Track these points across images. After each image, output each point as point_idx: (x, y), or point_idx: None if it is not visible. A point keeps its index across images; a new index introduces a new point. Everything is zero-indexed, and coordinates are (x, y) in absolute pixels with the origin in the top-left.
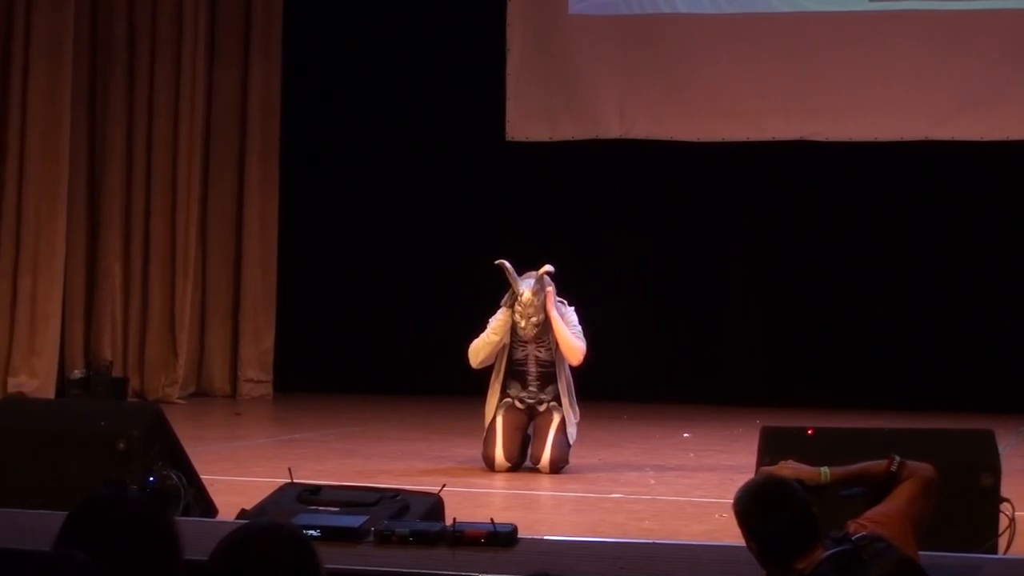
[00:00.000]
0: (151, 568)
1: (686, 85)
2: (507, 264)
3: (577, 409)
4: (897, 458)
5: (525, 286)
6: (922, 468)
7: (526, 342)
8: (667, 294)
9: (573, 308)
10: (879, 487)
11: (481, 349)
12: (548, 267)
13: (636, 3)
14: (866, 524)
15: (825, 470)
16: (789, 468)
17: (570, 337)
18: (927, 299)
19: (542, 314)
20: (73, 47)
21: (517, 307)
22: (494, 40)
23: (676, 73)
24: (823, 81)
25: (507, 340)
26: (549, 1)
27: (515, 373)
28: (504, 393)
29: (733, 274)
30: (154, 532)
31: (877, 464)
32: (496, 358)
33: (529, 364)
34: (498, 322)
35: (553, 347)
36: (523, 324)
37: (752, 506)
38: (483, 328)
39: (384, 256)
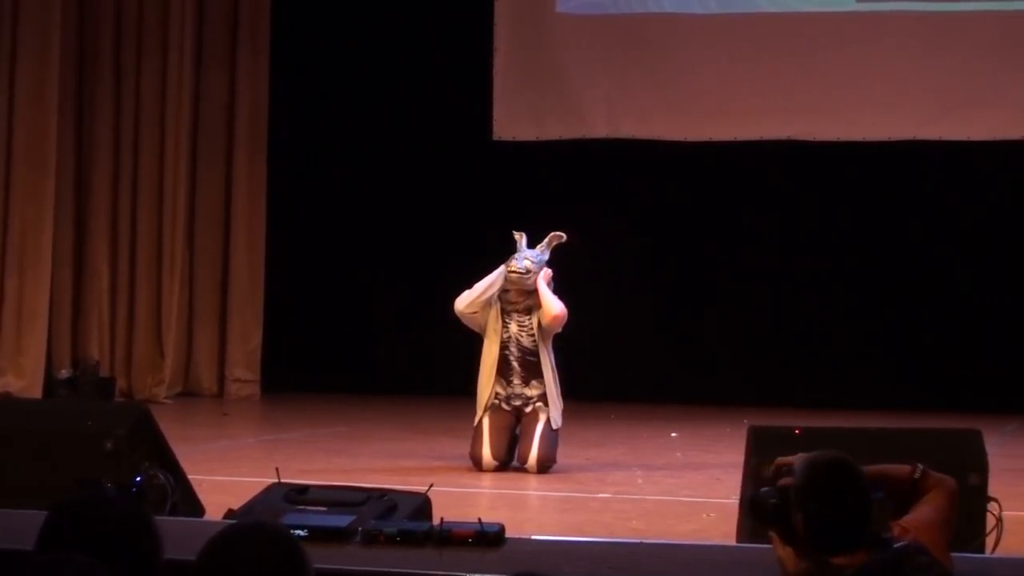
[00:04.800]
0: (132, 567)
1: (673, 84)
2: (523, 236)
3: (561, 399)
4: (920, 466)
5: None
6: (946, 479)
7: (510, 317)
8: (653, 294)
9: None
10: (900, 494)
11: (468, 293)
12: (560, 234)
13: (624, 2)
14: (909, 529)
15: None
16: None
17: (551, 298)
18: (915, 299)
19: (537, 267)
20: (59, 48)
21: (518, 253)
22: (481, 39)
23: (663, 72)
24: (811, 81)
25: (495, 293)
26: (536, 0)
27: (502, 359)
28: (494, 391)
29: (719, 274)
30: (134, 531)
31: (899, 468)
32: (487, 341)
33: (511, 347)
34: (491, 278)
35: (536, 331)
36: (516, 260)
37: (819, 480)
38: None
39: (371, 256)
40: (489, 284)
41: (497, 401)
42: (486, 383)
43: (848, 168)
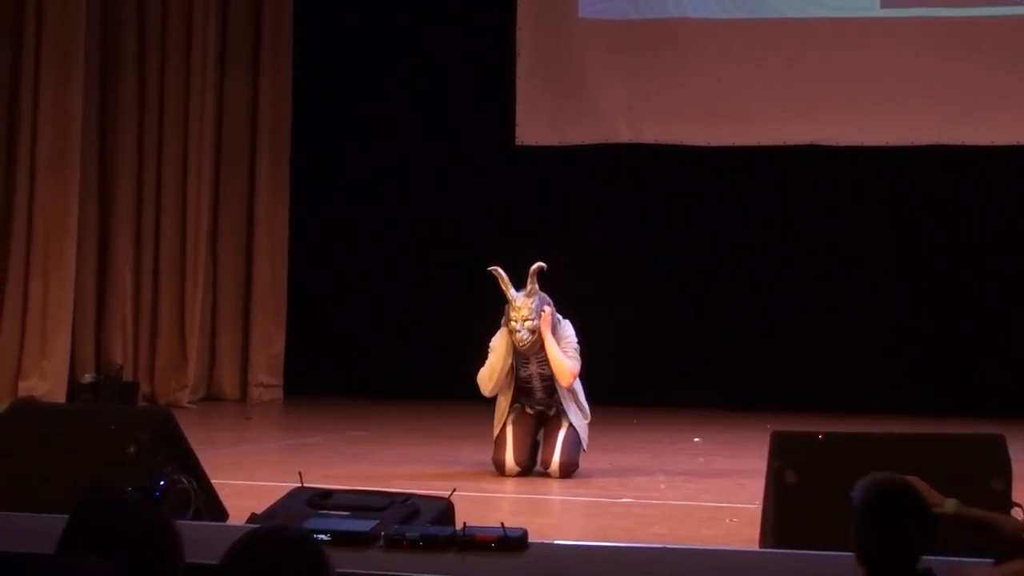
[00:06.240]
0: (153, 570)
1: (695, 89)
2: (500, 271)
3: (587, 409)
4: None
5: (519, 294)
6: None
7: (528, 360)
8: (676, 298)
9: (569, 322)
10: (1001, 544)
11: (488, 377)
12: (539, 264)
13: (646, 7)
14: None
15: (953, 501)
16: (917, 483)
17: (560, 359)
18: (937, 303)
19: (537, 319)
20: (83, 54)
21: (512, 313)
22: (503, 44)
23: (685, 77)
24: (833, 86)
25: (511, 360)
26: (559, 5)
27: (521, 390)
28: (514, 400)
29: (743, 278)
30: (155, 534)
31: (1008, 521)
32: (500, 396)
33: (534, 381)
34: (499, 343)
35: None
36: (518, 329)
37: (871, 502)
38: (487, 343)
39: (393, 260)
40: (503, 361)
41: (520, 405)
42: (499, 421)
43: (871, 173)
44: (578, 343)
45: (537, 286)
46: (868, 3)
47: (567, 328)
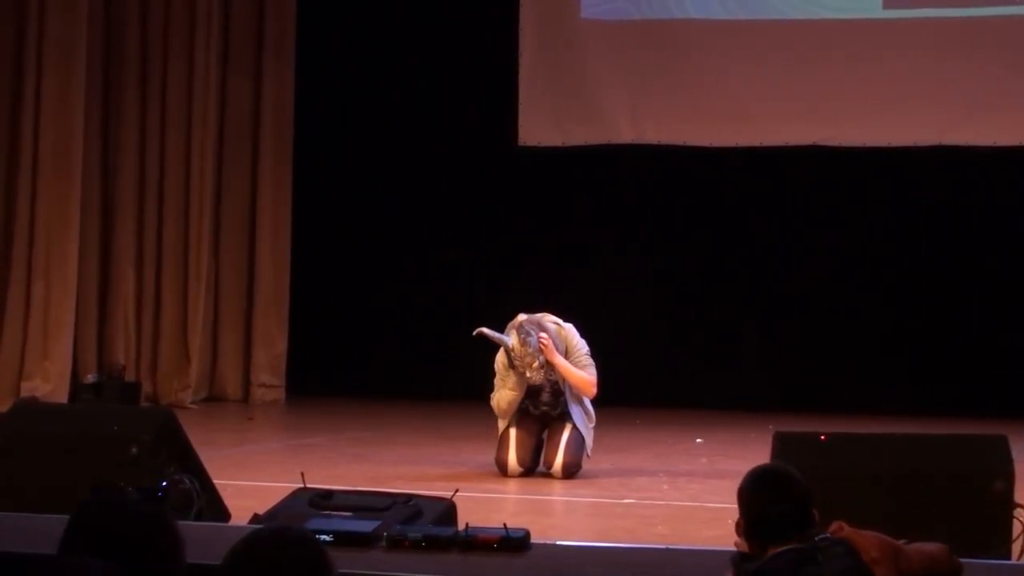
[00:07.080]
0: (155, 571)
1: (699, 90)
2: (484, 330)
3: (592, 413)
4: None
5: (511, 339)
6: (940, 551)
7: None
8: (679, 298)
9: (571, 325)
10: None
11: (507, 408)
12: (521, 316)
13: (648, 8)
14: (844, 528)
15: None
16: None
17: (578, 377)
18: (937, 303)
19: (541, 355)
20: (86, 55)
21: (515, 362)
22: (506, 45)
23: (689, 78)
24: (834, 87)
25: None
26: (561, 5)
27: (529, 392)
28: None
29: (745, 279)
30: (157, 535)
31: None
32: (502, 420)
33: (544, 388)
34: (511, 377)
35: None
36: (530, 375)
37: (753, 489)
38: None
39: (396, 261)
40: (519, 395)
41: (524, 405)
42: (502, 422)
43: (872, 173)
44: (586, 344)
45: (523, 324)
46: (870, 4)
47: (572, 335)
